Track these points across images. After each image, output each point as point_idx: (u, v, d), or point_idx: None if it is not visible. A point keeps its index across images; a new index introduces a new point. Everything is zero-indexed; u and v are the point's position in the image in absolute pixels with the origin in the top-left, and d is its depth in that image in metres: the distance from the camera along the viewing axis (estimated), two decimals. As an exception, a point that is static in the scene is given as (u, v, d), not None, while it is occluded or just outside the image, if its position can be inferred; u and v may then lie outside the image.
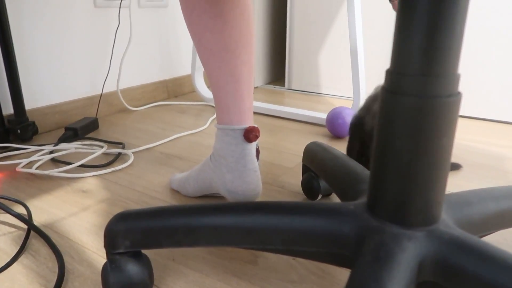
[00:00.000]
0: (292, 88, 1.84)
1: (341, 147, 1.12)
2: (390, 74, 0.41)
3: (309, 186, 0.81)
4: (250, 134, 0.68)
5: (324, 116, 1.32)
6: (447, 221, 0.45)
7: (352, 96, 1.68)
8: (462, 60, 1.40)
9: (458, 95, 0.39)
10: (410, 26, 0.38)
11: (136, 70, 1.51)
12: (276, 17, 1.96)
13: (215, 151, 0.73)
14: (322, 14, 1.66)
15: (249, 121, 0.71)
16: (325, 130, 1.28)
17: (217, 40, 0.67)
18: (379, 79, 1.60)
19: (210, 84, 0.71)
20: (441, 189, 0.42)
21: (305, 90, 1.80)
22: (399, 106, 0.40)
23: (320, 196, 0.81)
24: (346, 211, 0.47)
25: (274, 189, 0.87)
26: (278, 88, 1.87)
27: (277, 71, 2.07)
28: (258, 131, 0.70)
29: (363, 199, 0.49)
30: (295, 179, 0.92)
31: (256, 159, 0.71)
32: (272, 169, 0.97)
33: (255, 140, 0.69)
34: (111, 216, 0.75)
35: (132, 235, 0.51)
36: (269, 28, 1.92)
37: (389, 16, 1.52)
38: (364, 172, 0.57)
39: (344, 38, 1.64)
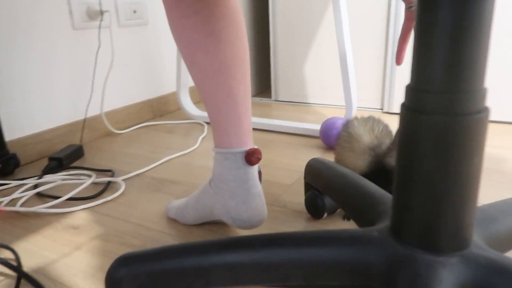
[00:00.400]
0: (279, 100, 1.81)
1: (338, 159, 1.09)
2: (412, 91, 0.38)
3: (314, 204, 0.78)
4: (252, 157, 0.65)
5: (316, 127, 1.30)
6: (478, 242, 0.42)
7: (342, 104, 1.67)
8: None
9: (486, 110, 0.36)
10: (432, 39, 0.35)
11: (119, 91, 1.46)
12: (259, 27, 1.94)
13: (215, 177, 0.69)
14: (305, 22, 1.65)
15: (249, 143, 0.68)
16: (318, 142, 1.25)
17: (212, 61, 0.63)
18: (369, 86, 1.59)
19: (205, 106, 0.68)
20: (472, 210, 0.39)
21: (293, 101, 1.78)
22: (425, 125, 0.37)
23: (325, 215, 0.78)
24: (370, 238, 0.43)
25: (276, 210, 0.83)
26: (265, 100, 1.85)
27: (262, 82, 2.05)
28: (260, 153, 0.66)
29: (385, 223, 0.46)
30: (297, 196, 0.89)
31: (259, 183, 0.67)
32: (270, 187, 0.94)
33: (257, 163, 0.66)
34: (107, 254, 0.70)
35: (137, 281, 0.47)
36: (252, 38, 1.90)
37: (375, 19, 1.51)
38: (379, 192, 0.54)
39: (329, 45, 1.63)
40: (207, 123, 1.49)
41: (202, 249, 0.47)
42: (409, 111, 0.38)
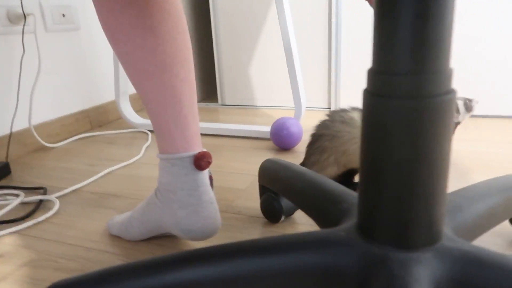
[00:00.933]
0: (226, 104, 1.76)
1: (290, 159, 1.06)
2: (375, 74, 0.35)
3: (270, 208, 0.73)
4: (201, 161, 0.59)
5: (266, 129, 1.26)
6: (449, 234, 0.40)
7: (289, 105, 1.66)
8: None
9: (453, 91, 0.34)
10: (394, 17, 0.32)
11: (51, 102, 1.33)
12: (201, 30, 1.88)
13: (161, 186, 0.62)
14: (248, 25, 1.62)
15: (198, 146, 0.62)
16: (269, 144, 1.22)
17: (151, 58, 0.57)
18: (315, 86, 1.59)
19: (147, 110, 0.61)
20: (443, 199, 0.37)
21: (240, 104, 1.74)
22: (391, 111, 0.34)
23: (283, 218, 0.74)
24: (338, 239, 0.40)
25: (230, 217, 0.78)
26: (211, 105, 1.79)
27: (208, 87, 1.99)
28: (210, 156, 0.61)
29: (350, 222, 0.42)
30: (252, 201, 0.84)
31: (211, 189, 0.62)
32: (223, 194, 0.88)
33: (208, 167, 0.60)
34: (38, 283, 0.60)
35: (72, 314, 0.39)
36: (195, 42, 1.84)
37: (317, 20, 1.52)
38: (340, 189, 0.51)
39: (273, 46, 1.61)
40: (151, 131, 1.41)
41: (152, 268, 0.40)
42: (373, 96, 0.35)
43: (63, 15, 1.37)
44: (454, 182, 0.88)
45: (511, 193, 0.51)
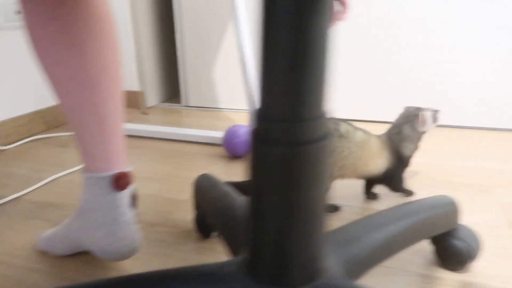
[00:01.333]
0: (190, 105, 1.75)
1: (242, 167, 1.06)
2: (257, 116, 0.35)
3: (201, 224, 0.73)
4: (118, 182, 0.58)
5: (221, 135, 1.26)
6: (332, 271, 0.40)
7: (251, 109, 1.66)
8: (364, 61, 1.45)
9: (326, 137, 0.34)
10: (269, 62, 0.32)
11: (2, 102, 1.29)
12: (164, 27, 1.86)
13: (82, 204, 0.61)
14: (213, 25, 1.60)
15: (119, 166, 0.61)
16: (224, 151, 1.21)
17: (73, 75, 0.56)
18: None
19: (69, 125, 0.60)
20: (319, 241, 0.37)
21: (204, 106, 1.73)
22: (268, 156, 0.34)
23: (215, 233, 0.74)
24: (223, 275, 0.40)
25: (165, 231, 0.78)
26: (174, 106, 1.78)
27: (172, 87, 1.97)
28: (129, 176, 0.60)
29: (244, 255, 0.43)
30: (191, 214, 0.84)
31: (129, 210, 0.61)
32: (164, 205, 0.88)
33: (126, 188, 0.60)
34: (-48, 303, 0.59)
35: None
36: (158, 41, 1.81)
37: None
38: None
39: (237, 48, 1.60)
40: (107, 134, 1.39)
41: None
42: (255, 138, 0.35)
43: (19, 12, 1.33)
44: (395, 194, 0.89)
45: (416, 219, 0.52)
